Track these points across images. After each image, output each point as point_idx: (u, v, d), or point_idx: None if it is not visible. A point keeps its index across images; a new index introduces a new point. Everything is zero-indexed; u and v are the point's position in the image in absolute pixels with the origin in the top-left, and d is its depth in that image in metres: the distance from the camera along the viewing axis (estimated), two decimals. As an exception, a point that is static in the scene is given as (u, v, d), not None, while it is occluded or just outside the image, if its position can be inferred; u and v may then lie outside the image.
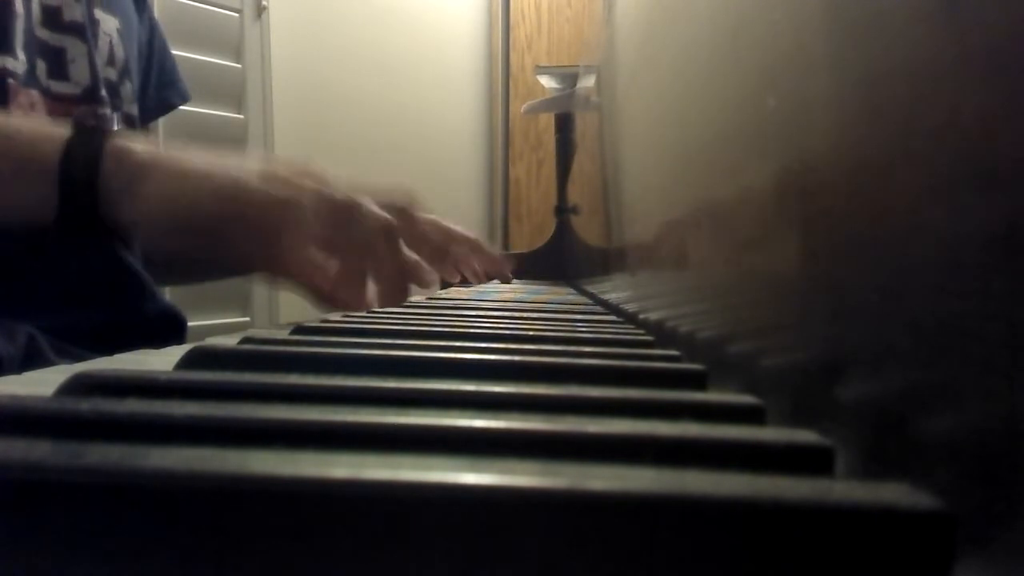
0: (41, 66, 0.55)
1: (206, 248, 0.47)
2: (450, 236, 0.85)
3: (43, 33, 0.55)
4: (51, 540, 0.11)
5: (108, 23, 0.61)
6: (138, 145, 0.45)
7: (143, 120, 0.68)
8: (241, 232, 0.44)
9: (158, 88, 0.71)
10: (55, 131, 0.44)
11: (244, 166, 0.45)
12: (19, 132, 0.45)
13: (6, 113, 0.50)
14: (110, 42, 0.61)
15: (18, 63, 0.52)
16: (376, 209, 0.48)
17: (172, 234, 0.45)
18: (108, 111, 0.60)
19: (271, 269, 0.47)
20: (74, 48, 0.57)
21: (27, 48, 0.53)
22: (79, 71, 0.57)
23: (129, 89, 0.64)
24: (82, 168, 0.42)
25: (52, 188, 0.42)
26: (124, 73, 0.63)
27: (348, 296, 0.46)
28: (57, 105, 0.56)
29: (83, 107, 0.57)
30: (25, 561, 0.11)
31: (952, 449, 0.12)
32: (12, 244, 0.50)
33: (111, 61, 0.61)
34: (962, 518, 0.10)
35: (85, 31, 0.58)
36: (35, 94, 0.54)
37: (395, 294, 0.49)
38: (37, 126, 0.46)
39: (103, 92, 0.59)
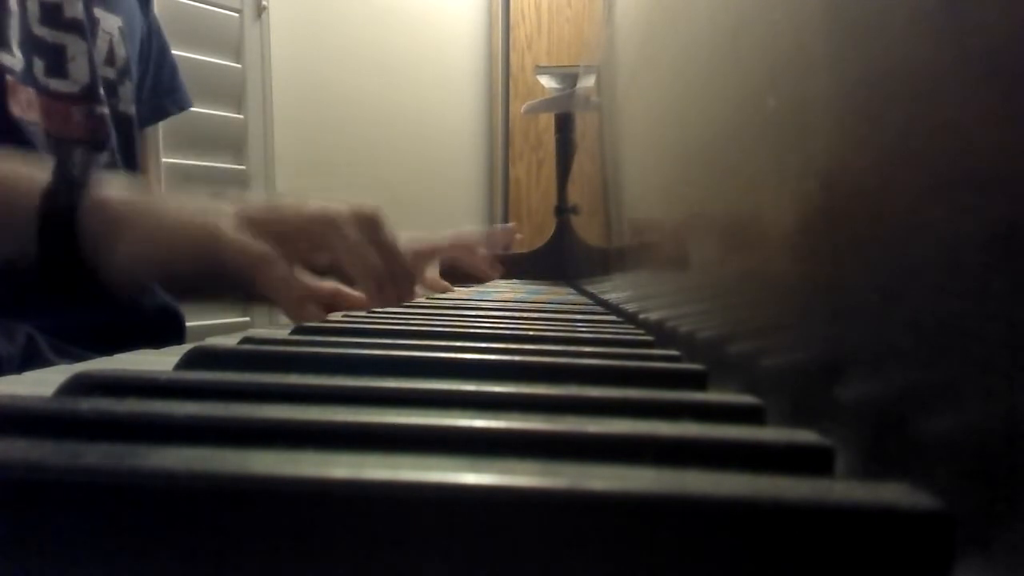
0: (39, 64, 0.55)
1: (189, 294, 0.46)
2: (432, 252, 0.84)
3: (42, 31, 0.55)
4: (51, 540, 0.11)
5: (109, 22, 0.61)
6: (113, 197, 0.44)
7: (139, 125, 0.68)
8: (221, 279, 0.43)
9: (153, 94, 0.71)
10: (33, 180, 0.43)
11: (220, 212, 0.44)
12: None
13: None
14: (110, 41, 0.61)
15: (15, 60, 0.52)
16: (351, 213, 0.47)
17: (151, 284, 0.45)
18: (105, 110, 0.60)
19: (260, 302, 0.47)
20: (74, 46, 0.57)
21: (23, 46, 0.53)
22: (78, 69, 0.57)
23: (128, 88, 0.64)
24: (60, 223, 0.42)
25: (32, 241, 0.42)
26: (124, 72, 0.63)
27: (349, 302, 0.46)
28: (55, 103, 0.56)
29: (81, 105, 0.57)
30: (25, 561, 0.11)
31: (952, 449, 0.12)
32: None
33: (110, 60, 0.61)
34: (962, 518, 0.10)
35: (85, 29, 0.58)
36: (31, 92, 0.54)
37: (396, 290, 0.48)
38: (13, 173, 0.46)
39: (101, 91, 0.59)
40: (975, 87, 0.11)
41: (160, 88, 0.72)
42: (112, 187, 0.44)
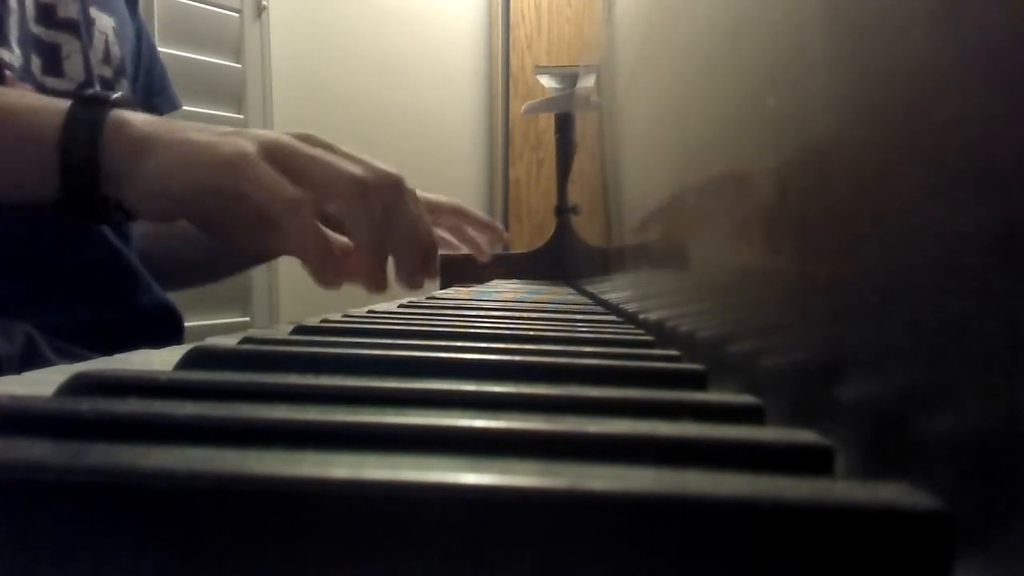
0: (36, 61, 0.55)
1: (206, 225, 0.45)
2: (435, 208, 0.83)
3: (37, 29, 0.55)
4: (51, 540, 0.11)
5: (104, 21, 0.61)
6: (138, 117, 0.44)
7: None
8: (244, 206, 0.42)
9: (146, 95, 0.71)
10: (56, 104, 0.43)
11: (247, 137, 0.43)
12: (19, 106, 0.44)
13: (5, 88, 0.50)
14: (106, 40, 0.61)
15: (14, 56, 0.52)
16: (385, 167, 0.46)
17: (172, 209, 0.44)
18: None
19: (274, 245, 0.45)
20: (68, 45, 0.57)
21: (21, 42, 0.53)
22: (73, 68, 0.57)
23: (125, 87, 0.64)
24: (83, 141, 0.41)
25: (54, 164, 0.42)
26: (120, 72, 0.63)
27: (366, 269, 0.45)
28: None
29: None
30: (25, 561, 0.11)
31: (952, 449, 0.12)
32: (5, 243, 0.50)
33: (107, 59, 0.61)
34: (962, 518, 0.10)
35: (79, 28, 0.58)
36: (29, 88, 0.54)
37: (419, 252, 0.46)
38: (37, 100, 0.45)
39: (97, 89, 0.59)
40: (975, 86, 0.11)
41: (152, 89, 0.72)
42: (132, 111, 0.44)
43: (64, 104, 0.43)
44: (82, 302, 0.55)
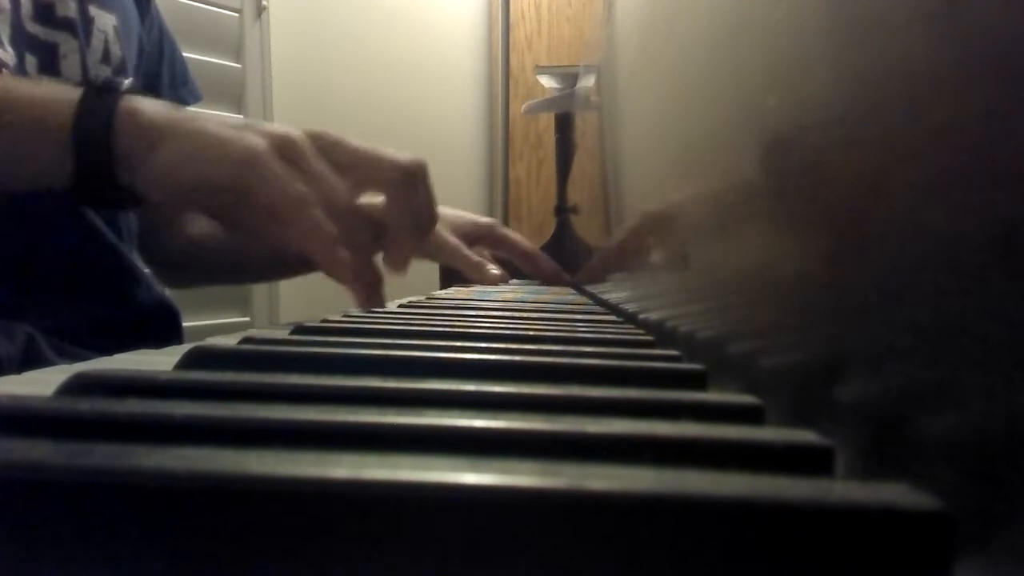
0: (31, 60, 0.55)
1: (216, 215, 0.46)
2: (472, 234, 0.83)
3: (35, 28, 0.55)
4: (51, 540, 0.11)
5: (104, 20, 0.61)
6: (150, 105, 0.44)
7: None
8: (253, 202, 0.43)
9: (171, 87, 0.72)
10: (69, 92, 0.44)
11: (258, 132, 0.44)
12: (33, 94, 0.44)
13: (17, 78, 0.50)
14: (105, 39, 0.61)
15: (8, 56, 0.52)
16: (396, 155, 0.47)
17: (183, 198, 0.45)
18: None
19: (283, 240, 0.46)
20: (66, 44, 0.57)
21: (14, 42, 0.53)
22: (70, 67, 0.57)
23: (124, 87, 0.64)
24: (95, 129, 0.42)
25: (67, 151, 0.42)
26: (120, 71, 0.63)
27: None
28: None
29: None
30: (25, 561, 0.11)
31: (952, 449, 0.12)
32: (4, 243, 0.50)
33: (106, 59, 0.61)
34: (962, 518, 0.10)
35: (77, 27, 0.58)
36: None
37: (410, 235, 0.49)
38: (49, 89, 0.46)
39: (110, 77, 0.59)
40: (975, 86, 0.11)
41: (176, 81, 0.73)
42: (144, 100, 0.44)
43: (77, 92, 0.43)
44: (81, 301, 0.55)
